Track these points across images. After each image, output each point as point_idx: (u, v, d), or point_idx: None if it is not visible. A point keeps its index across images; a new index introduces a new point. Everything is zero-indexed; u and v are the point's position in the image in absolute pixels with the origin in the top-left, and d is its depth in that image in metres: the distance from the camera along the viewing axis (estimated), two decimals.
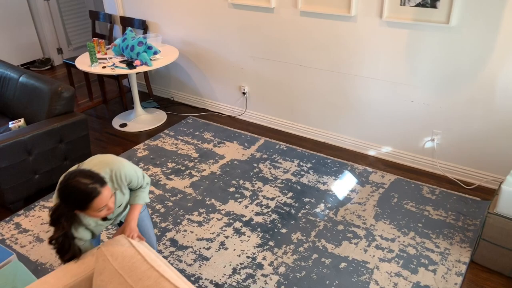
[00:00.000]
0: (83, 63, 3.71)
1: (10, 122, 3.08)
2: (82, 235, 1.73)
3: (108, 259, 1.48)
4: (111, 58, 3.79)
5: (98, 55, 3.83)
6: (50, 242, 1.65)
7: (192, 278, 2.38)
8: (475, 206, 2.87)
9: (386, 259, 2.48)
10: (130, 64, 3.62)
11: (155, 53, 3.74)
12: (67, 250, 1.66)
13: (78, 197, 1.54)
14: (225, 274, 2.41)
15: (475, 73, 2.79)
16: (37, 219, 2.86)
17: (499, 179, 2.99)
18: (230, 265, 2.47)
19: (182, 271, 2.43)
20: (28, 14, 5.32)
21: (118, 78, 4.30)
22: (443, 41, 2.80)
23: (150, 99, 4.60)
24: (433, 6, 2.72)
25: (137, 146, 3.71)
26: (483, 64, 2.73)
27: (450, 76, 2.89)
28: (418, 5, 2.77)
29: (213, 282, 2.36)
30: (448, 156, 3.16)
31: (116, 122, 4.13)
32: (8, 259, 2.30)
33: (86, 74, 4.48)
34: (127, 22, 4.39)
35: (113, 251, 1.50)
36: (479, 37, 2.68)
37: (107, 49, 4.01)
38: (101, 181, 1.60)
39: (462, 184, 3.09)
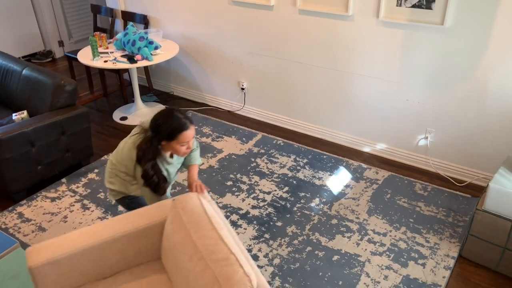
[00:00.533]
0: (85, 56, 3.77)
1: (13, 114, 3.15)
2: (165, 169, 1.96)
3: (179, 211, 1.63)
4: (112, 52, 3.85)
5: (100, 49, 3.89)
6: (142, 176, 1.89)
7: None
8: (466, 203, 2.95)
9: (378, 252, 2.57)
10: (131, 59, 3.68)
11: (156, 48, 3.80)
12: (158, 181, 1.89)
13: (172, 126, 1.81)
14: None
15: (468, 74, 2.86)
16: (39, 209, 2.94)
17: (489, 177, 3.08)
18: None
19: None
20: (30, 6, 5.36)
21: (119, 72, 4.36)
22: (438, 42, 2.87)
23: (150, 93, 4.67)
24: (428, 7, 2.78)
25: None
26: (476, 64, 2.81)
27: (444, 76, 2.96)
28: (414, 6, 2.83)
29: None
30: (440, 153, 3.24)
31: (116, 115, 4.20)
32: (12, 247, 2.38)
33: (87, 67, 4.54)
34: (128, 16, 4.44)
35: (185, 205, 1.66)
36: (472, 38, 2.75)
37: (109, 43, 4.07)
38: (190, 120, 1.89)
39: (453, 181, 3.18)
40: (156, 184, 1.92)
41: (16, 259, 2.30)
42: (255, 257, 2.53)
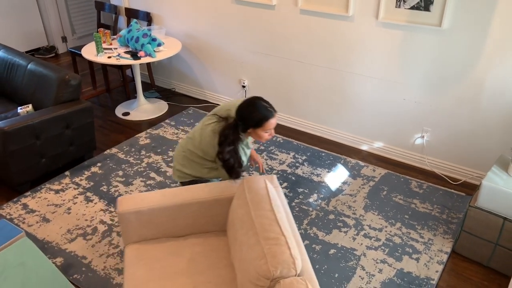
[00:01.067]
0: (89, 52, 3.83)
1: (19, 108, 3.21)
2: (240, 155, 2.07)
3: (245, 189, 1.79)
4: (116, 48, 3.91)
5: (104, 45, 3.95)
6: (219, 157, 2.02)
7: None
8: (460, 201, 3.03)
9: (373, 247, 2.64)
10: (134, 55, 3.74)
11: (159, 45, 3.87)
12: (233, 164, 2.01)
13: (258, 115, 1.96)
14: None
15: (464, 74, 2.94)
16: (43, 201, 3.01)
17: (483, 176, 3.15)
18: None
19: None
20: (34, 2, 5.42)
21: (121, 68, 4.42)
22: (435, 43, 2.94)
23: (152, 89, 4.73)
24: (427, 9, 2.85)
25: (139, 134, 3.84)
26: (472, 66, 2.88)
27: (441, 76, 3.03)
28: (412, 8, 2.90)
29: None
30: (436, 152, 3.31)
31: (119, 111, 4.26)
32: (17, 236, 2.44)
33: (91, 63, 4.60)
34: (132, 13, 4.51)
35: (251, 185, 1.82)
36: (469, 40, 2.82)
37: (113, 39, 4.13)
38: (273, 108, 2.01)
39: (448, 180, 3.25)
40: (232, 167, 2.03)
41: (22, 248, 2.37)
42: None
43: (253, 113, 1.97)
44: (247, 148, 2.17)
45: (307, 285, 1.42)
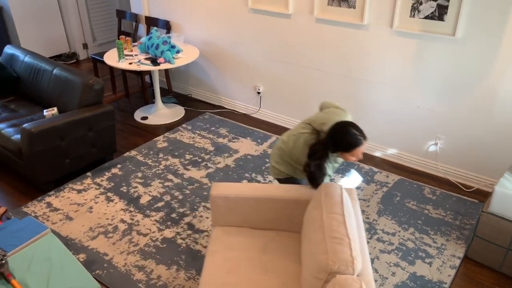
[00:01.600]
0: (111, 58, 3.97)
1: (45, 110, 3.35)
2: (326, 170, 2.18)
3: (321, 193, 1.95)
4: (137, 55, 4.05)
5: (125, 52, 4.09)
6: (304, 169, 2.13)
7: None
8: (473, 208, 3.06)
9: (386, 250, 2.69)
10: (154, 61, 3.87)
11: (178, 52, 4.00)
12: (317, 178, 2.12)
13: (348, 142, 2.02)
14: None
15: (478, 83, 2.99)
16: (66, 200, 3.12)
17: (496, 183, 3.17)
18: None
19: (198, 252, 2.67)
20: (57, 10, 5.62)
21: (141, 74, 4.56)
22: (449, 52, 3.00)
23: (169, 95, 4.86)
24: (441, 19, 2.92)
25: (157, 138, 3.96)
26: (486, 74, 2.93)
27: (455, 84, 3.08)
28: (426, 17, 2.97)
29: None
30: (450, 159, 3.35)
31: (137, 115, 4.39)
32: (44, 232, 2.56)
33: (111, 69, 4.75)
34: (151, 21, 4.65)
35: (328, 190, 1.96)
36: (482, 49, 2.87)
37: (133, 46, 4.27)
38: (364, 136, 2.07)
39: (462, 187, 3.28)
40: (314, 179, 2.13)
41: (48, 243, 2.47)
42: None
43: (343, 139, 2.03)
44: (335, 163, 2.27)
45: (362, 284, 1.50)
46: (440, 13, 2.91)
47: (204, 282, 1.94)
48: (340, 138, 2.04)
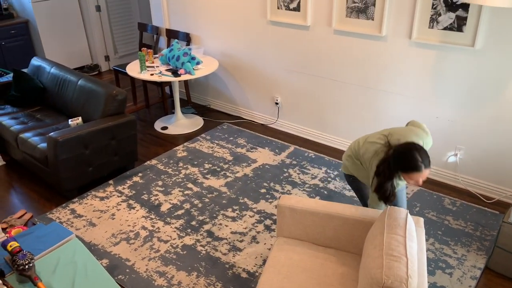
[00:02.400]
0: (133, 70, 4.08)
1: (69, 120, 3.46)
2: (397, 184, 2.18)
3: (386, 215, 1.97)
4: (158, 66, 4.16)
5: (147, 64, 4.21)
6: (375, 190, 2.13)
7: (227, 266, 2.65)
8: (494, 219, 3.03)
9: None
10: (175, 73, 3.97)
11: (198, 63, 4.09)
12: (388, 195, 2.12)
13: (408, 164, 1.98)
14: (256, 264, 2.66)
15: (498, 93, 2.98)
16: (89, 207, 3.20)
17: None
18: (261, 256, 2.72)
19: (217, 259, 2.70)
20: (81, 22, 5.82)
21: (161, 85, 4.67)
22: (468, 63, 3.01)
23: (188, 105, 4.95)
24: (460, 30, 2.94)
25: (176, 148, 4.03)
26: (506, 85, 2.92)
27: (474, 95, 3.08)
28: (445, 28, 3.00)
29: (246, 270, 2.61)
30: (470, 170, 3.33)
31: (157, 125, 4.49)
32: (69, 237, 2.63)
33: (132, 80, 4.88)
34: (172, 34, 4.77)
35: (392, 213, 1.98)
36: (502, 59, 2.87)
37: (155, 58, 4.38)
38: (428, 164, 2.00)
39: (482, 198, 3.25)
40: (386, 197, 2.14)
41: (73, 248, 2.55)
42: None
43: (404, 159, 1.99)
44: (400, 180, 2.22)
45: None
46: (459, 24, 2.93)
47: (262, 282, 2.05)
48: (402, 158, 2.00)
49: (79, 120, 3.47)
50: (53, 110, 3.93)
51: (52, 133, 3.13)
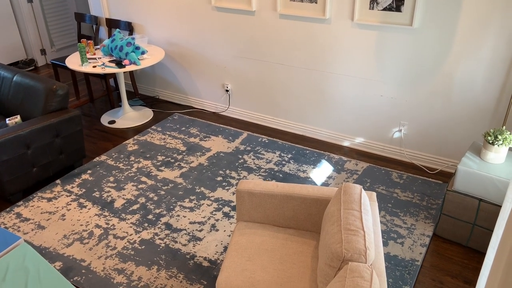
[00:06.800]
0: (73, 62, 3.88)
1: (7, 119, 3.24)
2: None
3: (341, 191, 2.02)
4: (100, 58, 3.98)
5: (88, 55, 4.01)
6: None
7: (188, 256, 2.63)
8: (438, 188, 3.22)
9: None
10: (119, 64, 3.82)
11: (143, 53, 3.96)
12: None
13: None
14: (217, 252, 2.66)
15: (435, 69, 3.15)
16: (36, 209, 3.04)
17: (457, 164, 3.36)
18: (222, 244, 2.72)
19: (177, 251, 2.67)
20: (12, 15, 5.42)
21: (105, 77, 4.48)
22: (408, 41, 3.15)
23: (136, 97, 4.80)
24: (398, 10, 3.06)
25: (126, 141, 3.91)
26: (443, 61, 3.09)
27: (414, 72, 3.23)
28: (385, 9, 3.10)
29: (207, 259, 2.61)
30: (414, 144, 3.51)
31: (104, 119, 4.31)
32: (17, 242, 2.48)
33: (73, 74, 4.64)
34: (113, 23, 4.58)
35: (347, 189, 2.03)
36: (438, 37, 3.03)
37: (96, 49, 4.19)
38: None
39: (426, 170, 3.45)
40: None
41: (22, 253, 2.41)
42: None
43: None
44: None
45: (372, 272, 1.56)
46: (397, 4, 3.04)
47: (225, 266, 2.06)
48: None
49: (17, 118, 3.26)
50: None
51: None
